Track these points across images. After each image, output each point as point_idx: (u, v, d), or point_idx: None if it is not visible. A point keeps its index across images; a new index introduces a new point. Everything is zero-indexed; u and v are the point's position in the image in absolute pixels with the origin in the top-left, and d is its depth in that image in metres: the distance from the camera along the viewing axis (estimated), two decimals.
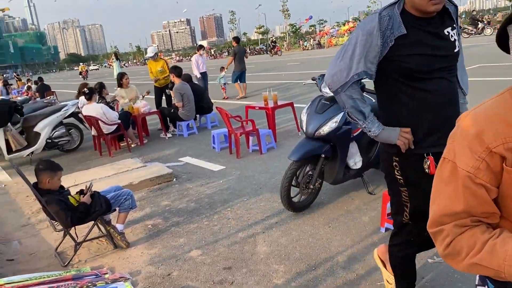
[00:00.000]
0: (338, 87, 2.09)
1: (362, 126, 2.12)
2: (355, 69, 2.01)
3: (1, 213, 5.16)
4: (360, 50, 1.98)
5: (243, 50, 13.62)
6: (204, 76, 12.61)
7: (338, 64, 2.07)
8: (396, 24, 1.90)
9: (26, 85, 20.89)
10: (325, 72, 4.21)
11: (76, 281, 3.13)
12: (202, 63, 12.70)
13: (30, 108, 8.85)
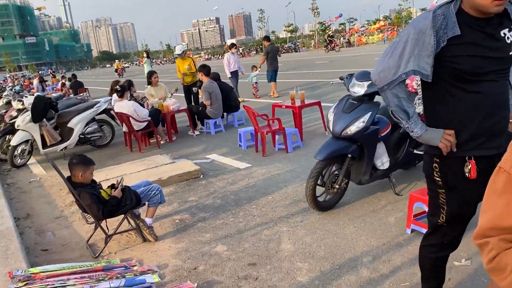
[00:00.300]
0: (384, 85, 2.05)
1: (405, 126, 2.08)
2: (403, 68, 1.97)
3: (36, 205, 5.38)
4: (410, 48, 1.93)
5: (276, 49, 13.37)
6: (235, 74, 12.58)
7: (386, 62, 2.03)
8: (450, 24, 1.84)
9: (60, 82, 21.54)
10: (354, 72, 4.22)
11: (106, 272, 3.25)
12: (234, 61, 12.65)
13: (64, 104, 9.15)
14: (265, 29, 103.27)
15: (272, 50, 12.96)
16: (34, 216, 4.97)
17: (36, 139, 7.39)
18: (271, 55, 12.71)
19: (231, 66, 12.53)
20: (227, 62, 12.59)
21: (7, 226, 4.24)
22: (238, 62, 12.83)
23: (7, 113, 8.67)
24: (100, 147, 8.42)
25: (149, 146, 8.09)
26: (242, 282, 3.04)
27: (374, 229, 3.64)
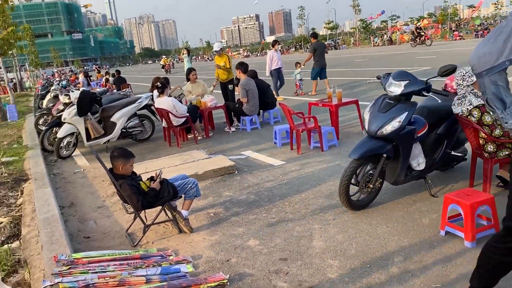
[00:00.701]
0: (483, 70, 1.93)
1: (499, 115, 1.96)
2: (507, 54, 1.83)
3: (80, 195, 5.66)
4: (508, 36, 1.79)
5: (323, 46, 13.07)
6: (279, 72, 12.48)
7: (488, 46, 1.90)
8: None
9: (104, 77, 22.31)
10: (392, 71, 4.18)
11: (144, 260, 3.40)
12: (278, 58, 12.54)
13: (108, 99, 9.52)
14: (305, 26, 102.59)
15: (319, 47, 12.70)
16: (78, 205, 5.24)
17: (81, 132, 7.74)
18: (318, 52, 12.49)
19: (274, 64, 12.42)
20: (270, 59, 12.47)
21: (53, 213, 4.50)
22: (281, 59, 12.69)
23: (55, 107, 9.13)
24: (141, 141, 8.70)
25: (187, 141, 8.29)
26: (273, 276, 3.11)
27: (407, 230, 3.61)
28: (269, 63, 12.49)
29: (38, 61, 45.56)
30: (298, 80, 13.23)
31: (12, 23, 18.35)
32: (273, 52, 12.69)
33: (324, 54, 12.68)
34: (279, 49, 13.26)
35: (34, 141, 9.23)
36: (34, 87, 33.74)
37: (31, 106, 18.71)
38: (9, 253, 3.81)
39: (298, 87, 13.29)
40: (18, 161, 7.36)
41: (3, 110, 14.79)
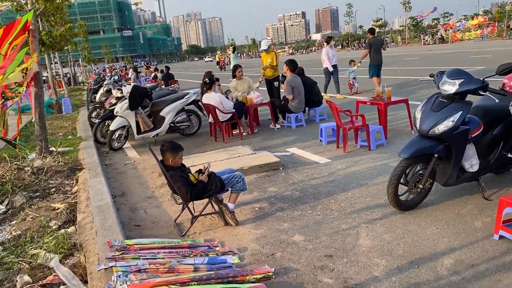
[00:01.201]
0: None
1: None
2: None
3: (130, 185, 5.88)
4: None
5: (380, 42, 12.56)
6: (334, 68, 12.27)
7: None
8: None
9: (153, 73, 22.96)
10: (444, 70, 4.06)
11: (191, 249, 3.50)
12: (333, 55, 12.30)
13: (157, 94, 9.82)
14: (352, 23, 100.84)
15: (376, 43, 12.24)
16: (129, 194, 5.45)
17: (132, 125, 8.03)
18: (374, 48, 12.08)
19: (331, 60, 12.17)
20: (327, 56, 12.22)
21: (106, 201, 4.71)
22: (336, 56, 12.43)
23: (107, 100, 9.51)
24: (188, 136, 8.90)
25: (232, 137, 8.39)
26: (318, 272, 3.11)
27: (457, 232, 3.50)
28: (327, 59, 12.21)
29: (91, 56, 47.43)
30: (352, 79, 12.83)
31: (68, 20, 19.28)
32: (329, 49, 12.42)
33: (380, 51, 12.21)
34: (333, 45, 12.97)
35: (88, 133, 9.67)
36: (86, 81, 35.26)
37: (84, 100, 19.56)
38: (65, 237, 4.03)
39: (351, 85, 12.90)
40: (73, 151, 7.74)
41: (59, 103, 15.56)
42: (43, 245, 3.97)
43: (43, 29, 16.20)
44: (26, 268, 3.56)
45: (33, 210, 4.91)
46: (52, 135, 9.91)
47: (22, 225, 4.58)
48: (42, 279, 3.34)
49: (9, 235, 4.40)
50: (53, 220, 4.57)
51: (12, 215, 4.98)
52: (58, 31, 16.70)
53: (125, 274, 2.89)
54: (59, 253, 3.73)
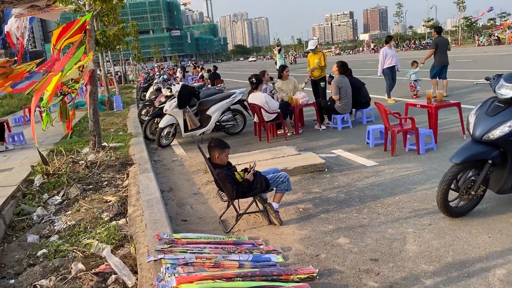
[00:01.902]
0: None
1: None
2: None
3: (177, 181, 6.05)
4: None
5: (446, 42, 11.73)
6: (392, 70, 11.45)
7: None
8: None
9: (200, 73, 23.41)
10: (503, 73, 3.89)
11: (236, 246, 3.57)
12: (392, 56, 11.50)
13: (204, 93, 10.02)
14: (401, 24, 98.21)
15: (442, 42, 11.47)
16: (176, 190, 5.61)
17: (179, 123, 8.25)
18: (440, 48, 11.31)
19: (388, 61, 11.44)
20: (384, 56, 11.48)
21: (155, 196, 4.87)
22: (396, 57, 11.59)
23: (157, 99, 9.81)
24: (233, 135, 9.02)
25: (276, 137, 8.42)
26: (363, 275, 3.08)
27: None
28: (382, 61, 11.47)
29: (141, 56, 48.99)
30: (413, 81, 11.98)
31: (121, 20, 20.02)
32: (387, 49, 11.60)
33: (446, 51, 11.46)
34: (393, 45, 12.22)
35: (137, 129, 10.02)
36: (136, 80, 36.46)
37: (134, 98, 20.25)
38: (117, 228, 4.22)
39: (413, 88, 12.02)
40: (123, 147, 8.04)
41: (111, 100, 16.20)
42: (95, 235, 4.17)
43: (97, 29, 16.93)
44: (80, 257, 3.75)
45: (87, 201, 5.16)
46: (104, 131, 10.34)
47: (76, 215, 4.83)
48: (94, 267, 3.52)
49: (64, 224, 4.66)
50: (105, 212, 4.79)
51: (67, 205, 5.26)
52: (111, 31, 17.40)
53: (173, 266, 2.99)
54: (111, 243, 3.90)
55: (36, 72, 4.76)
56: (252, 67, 45.10)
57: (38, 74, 4.87)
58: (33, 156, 7.62)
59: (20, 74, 3.66)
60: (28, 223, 4.87)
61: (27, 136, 9.83)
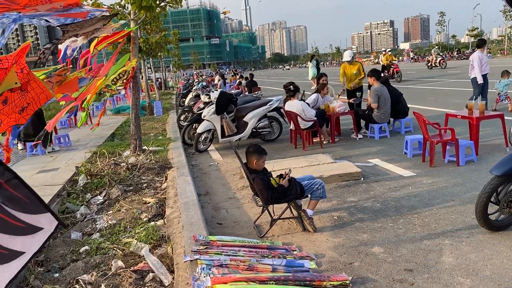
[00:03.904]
0: None
1: None
2: None
3: (214, 185, 6.18)
4: None
5: None
6: (485, 78, 10.13)
7: None
8: None
9: (238, 80, 23.70)
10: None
11: (270, 250, 3.62)
12: (486, 63, 10.22)
13: (242, 100, 10.16)
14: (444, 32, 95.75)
15: None
16: (212, 194, 5.73)
17: (217, 129, 8.41)
18: None
19: (483, 68, 10.10)
20: (479, 62, 10.09)
21: (192, 199, 5.00)
22: (488, 64, 10.32)
23: (196, 105, 10.05)
24: (269, 142, 9.09)
25: (312, 145, 8.42)
26: (397, 285, 3.06)
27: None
28: (478, 67, 10.07)
29: (181, 63, 50.09)
30: (503, 93, 10.61)
31: (163, 28, 20.60)
32: (481, 54, 10.23)
33: None
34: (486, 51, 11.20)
35: (176, 134, 10.28)
36: (176, 86, 37.29)
37: (173, 104, 20.74)
38: (155, 229, 4.37)
39: (498, 101, 10.70)
40: (163, 151, 8.28)
41: (151, 106, 16.68)
42: (134, 234, 4.34)
43: (141, 36, 17.51)
44: (120, 254, 3.91)
45: (127, 202, 5.37)
46: (145, 135, 10.67)
47: (117, 215, 5.03)
48: (133, 265, 3.66)
49: (105, 223, 4.86)
50: (144, 213, 4.96)
51: (109, 205, 5.48)
52: (154, 39, 17.94)
53: (209, 267, 3.08)
54: (149, 243, 4.04)
55: (85, 78, 5.02)
56: (288, 75, 45.25)
57: (86, 79, 5.14)
58: (78, 158, 7.98)
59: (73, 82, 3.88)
60: (72, 220, 5.11)
61: (72, 138, 10.30)
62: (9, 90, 2.60)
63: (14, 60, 2.19)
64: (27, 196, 1.62)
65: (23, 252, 1.62)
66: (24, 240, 1.63)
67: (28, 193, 1.63)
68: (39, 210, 1.64)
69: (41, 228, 1.65)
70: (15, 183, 1.61)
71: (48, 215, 1.66)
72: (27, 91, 2.78)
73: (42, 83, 2.87)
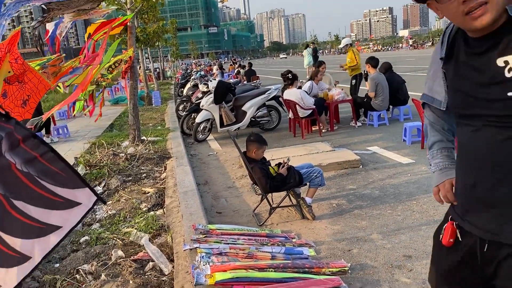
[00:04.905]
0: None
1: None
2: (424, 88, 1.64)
3: (213, 174, 6.19)
4: (430, 67, 1.59)
5: None
6: None
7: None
8: (445, 39, 1.46)
9: (236, 69, 23.60)
10: None
11: (269, 238, 3.64)
12: None
13: (240, 89, 10.12)
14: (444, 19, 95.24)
15: None
16: (211, 183, 5.74)
17: (215, 118, 8.40)
18: None
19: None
20: None
21: (191, 188, 5.01)
22: None
23: (194, 94, 10.02)
24: (267, 130, 9.08)
25: (311, 133, 8.41)
26: (396, 271, 3.08)
27: None
28: None
29: (179, 53, 49.83)
30: None
31: (160, 17, 20.45)
32: None
33: None
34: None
35: (175, 124, 10.27)
36: (174, 76, 37.17)
37: (171, 93, 20.69)
38: (154, 218, 4.38)
39: None
40: (161, 141, 8.28)
41: (149, 96, 16.63)
42: (134, 224, 4.35)
43: (138, 26, 17.39)
44: (120, 244, 3.92)
45: (126, 192, 5.37)
46: (143, 125, 10.65)
47: (116, 205, 5.04)
48: (133, 254, 3.68)
49: (105, 213, 4.87)
50: (144, 203, 4.97)
51: (108, 196, 5.49)
52: (151, 28, 17.82)
53: (208, 255, 3.10)
54: (149, 232, 4.06)
55: (79, 67, 4.98)
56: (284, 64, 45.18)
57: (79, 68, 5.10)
58: (77, 148, 7.98)
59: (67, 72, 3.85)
60: None
61: (71, 129, 10.29)
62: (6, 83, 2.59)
63: (6, 49, 2.17)
64: (64, 170, 1.59)
65: (60, 227, 1.60)
66: (62, 214, 1.60)
67: (65, 167, 1.59)
68: (76, 184, 1.61)
69: (79, 203, 1.62)
70: (51, 156, 1.57)
71: (86, 190, 1.62)
72: (24, 82, 2.76)
73: (38, 73, 2.85)
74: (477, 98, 1.29)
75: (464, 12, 1.20)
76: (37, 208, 1.58)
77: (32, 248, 1.59)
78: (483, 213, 1.35)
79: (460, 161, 1.46)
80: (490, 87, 1.25)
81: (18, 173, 1.55)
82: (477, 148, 1.33)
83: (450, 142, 1.70)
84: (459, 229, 1.46)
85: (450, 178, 1.58)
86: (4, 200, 1.56)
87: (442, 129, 1.68)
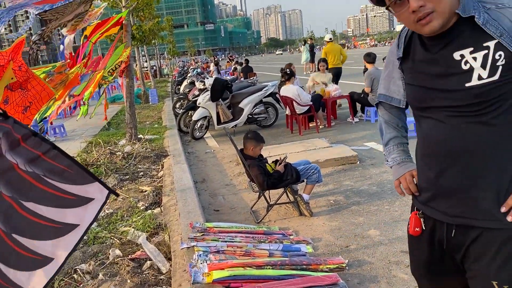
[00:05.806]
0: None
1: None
2: (380, 89, 1.74)
3: (210, 172, 6.18)
4: (385, 69, 1.67)
5: None
6: None
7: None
8: (401, 41, 1.52)
9: (233, 66, 23.56)
10: None
11: (267, 236, 3.63)
12: None
13: (237, 86, 10.11)
14: None
15: None
16: (209, 181, 5.73)
17: (212, 116, 8.39)
18: None
19: None
20: None
21: (189, 186, 5.01)
22: None
23: (191, 92, 9.99)
24: (265, 127, 9.07)
25: (308, 129, 8.41)
26: (393, 267, 3.08)
27: None
28: None
29: (175, 50, 49.71)
30: None
31: (156, 15, 20.39)
32: None
33: None
34: None
35: (172, 122, 10.25)
36: (171, 74, 37.07)
37: (168, 91, 20.64)
38: (152, 217, 4.37)
39: None
40: (159, 139, 8.26)
41: (146, 94, 16.60)
42: (132, 223, 4.34)
43: (133, 23, 17.33)
44: (117, 243, 3.91)
45: (124, 191, 5.36)
46: (140, 123, 10.63)
47: (114, 204, 5.03)
48: (131, 253, 3.67)
49: (102, 212, 4.86)
50: (141, 201, 4.96)
51: None
52: (147, 26, 17.77)
53: (205, 254, 3.09)
54: (146, 231, 4.05)
55: (85, 74, 4.96)
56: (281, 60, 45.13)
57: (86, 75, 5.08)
58: (74, 148, 7.96)
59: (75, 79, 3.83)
60: None
61: (67, 128, 10.26)
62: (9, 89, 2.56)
63: (10, 57, 2.15)
64: (70, 167, 1.55)
65: (78, 225, 1.57)
66: (77, 212, 1.57)
67: (71, 163, 1.55)
68: (85, 180, 1.57)
69: (91, 198, 1.58)
70: (55, 153, 1.53)
71: (96, 184, 1.59)
72: (27, 89, 2.74)
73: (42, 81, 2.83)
74: (436, 89, 1.36)
75: (415, 20, 1.28)
76: (49, 208, 1.55)
77: (52, 249, 1.55)
78: (451, 199, 1.40)
79: (422, 153, 1.50)
80: (448, 78, 1.32)
81: (22, 173, 1.53)
82: (440, 138, 1.39)
83: (404, 138, 1.77)
84: (423, 218, 1.52)
85: (410, 169, 1.63)
86: (13, 202, 1.53)
87: (397, 126, 1.76)
